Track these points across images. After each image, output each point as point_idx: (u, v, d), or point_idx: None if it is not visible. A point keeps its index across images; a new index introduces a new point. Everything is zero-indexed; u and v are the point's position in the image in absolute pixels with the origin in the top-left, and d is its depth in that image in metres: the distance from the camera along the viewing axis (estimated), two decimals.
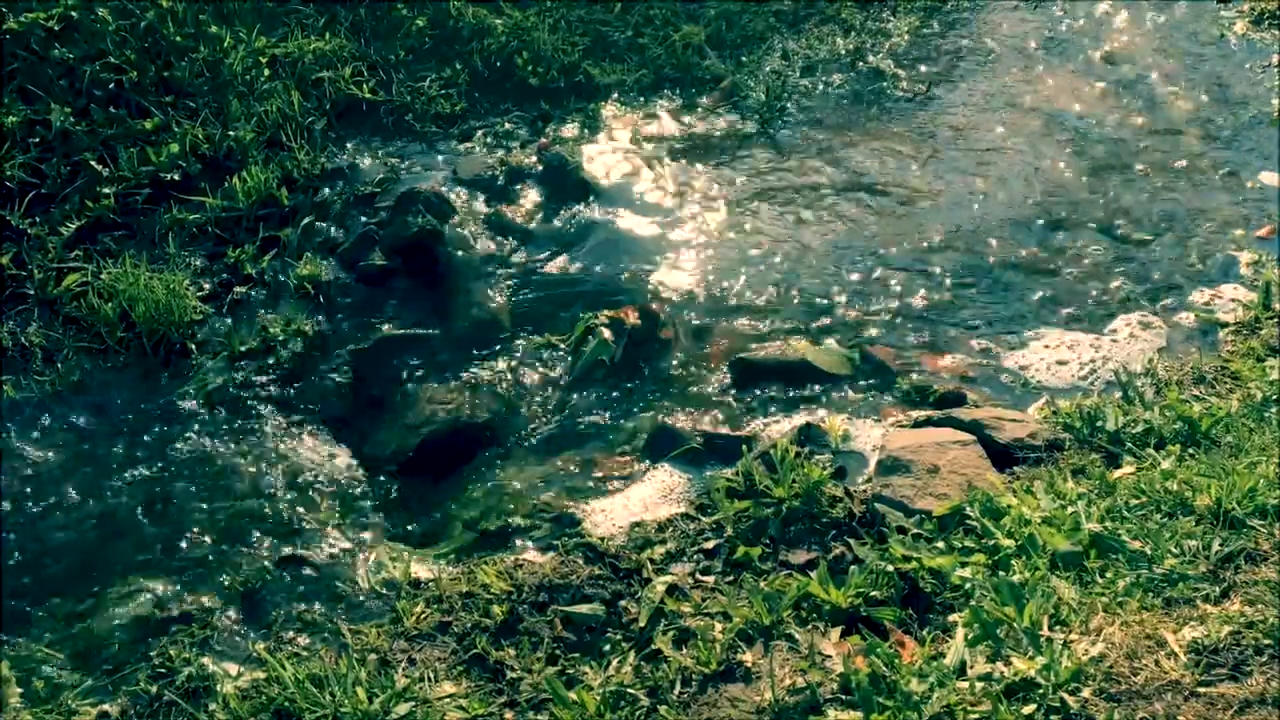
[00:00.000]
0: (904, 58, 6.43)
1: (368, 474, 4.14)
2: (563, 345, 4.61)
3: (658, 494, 3.91)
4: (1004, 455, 3.80)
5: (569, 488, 3.98)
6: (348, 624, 3.46)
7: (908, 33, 6.61)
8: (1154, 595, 2.94)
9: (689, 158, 5.68)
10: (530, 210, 5.32)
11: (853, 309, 4.78)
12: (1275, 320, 4.49)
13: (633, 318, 4.60)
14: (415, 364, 4.58)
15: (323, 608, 3.56)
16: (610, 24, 6.42)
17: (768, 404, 4.29)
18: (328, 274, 4.92)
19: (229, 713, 3.11)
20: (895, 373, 4.40)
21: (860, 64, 6.36)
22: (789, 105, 6.05)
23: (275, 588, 3.63)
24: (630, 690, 3.01)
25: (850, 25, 6.66)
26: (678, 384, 4.44)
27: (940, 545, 3.32)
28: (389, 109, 5.81)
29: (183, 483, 4.02)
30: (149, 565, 3.72)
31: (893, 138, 5.83)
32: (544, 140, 5.69)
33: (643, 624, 3.26)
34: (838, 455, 3.97)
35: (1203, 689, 2.64)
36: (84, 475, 4.04)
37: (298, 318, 4.69)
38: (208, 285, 4.80)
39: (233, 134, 5.29)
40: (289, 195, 5.19)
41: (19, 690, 3.29)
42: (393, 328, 4.71)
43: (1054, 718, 2.62)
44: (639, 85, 6.15)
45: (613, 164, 5.60)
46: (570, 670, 3.15)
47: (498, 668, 3.20)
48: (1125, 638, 2.79)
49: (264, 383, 4.43)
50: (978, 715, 2.65)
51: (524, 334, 4.69)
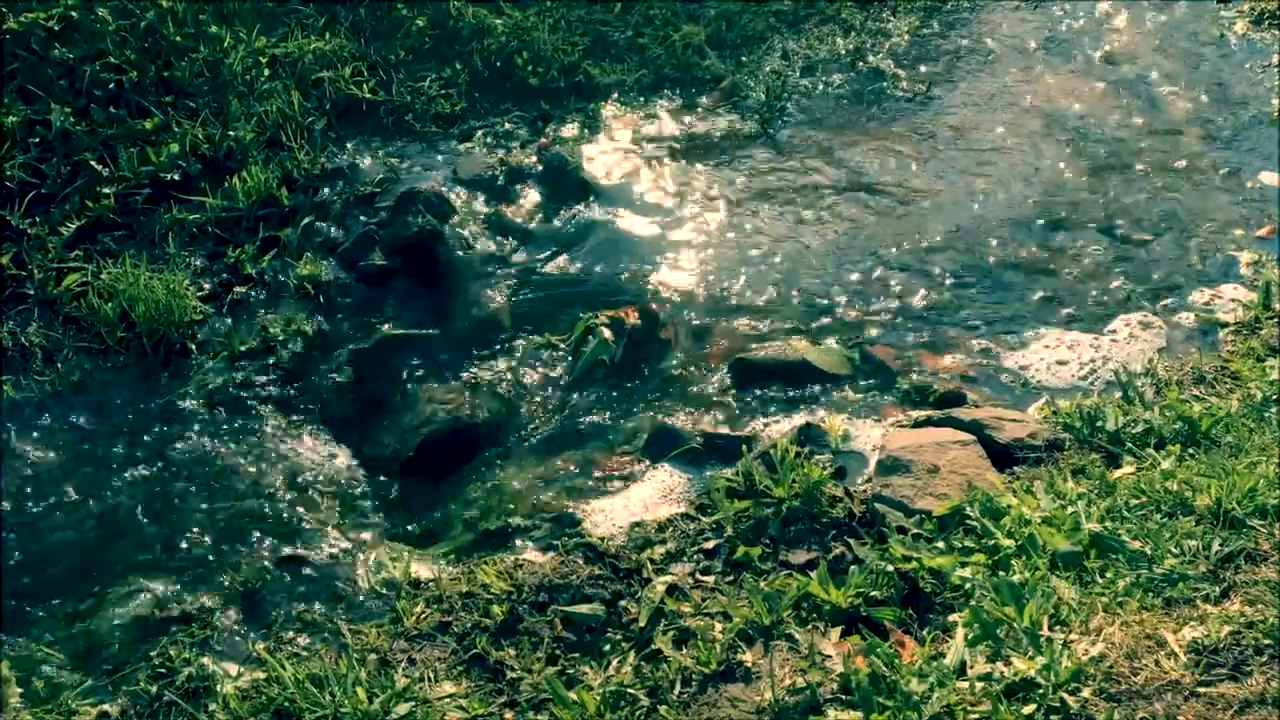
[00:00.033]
0: (904, 58, 6.43)
1: (368, 474, 4.14)
2: (563, 345, 4.61)
3: (658, 494, 3.91)
4: (1004, 455, 3.80)
5: (569, 488, 3.98)
6: (348, 624, 3.46)
7: (908, 33, 6.61)
8: (1154, 595, 2.94)
9: (689, 158, 5.68)
10: (530, 210, 5.33)
11: (853, 309, 4.78)
12: (1275, 320, 4.49)
13: (633, 318, 4.60)
14: (415, 364, 4.58)
15: (323, 608, 3.56)
16: (610, 24, 6.42)
17: (768, 404, 4.29)
18: (328, 274, 4.92)
19: (229, 713, 3.11)
20: (895, 373, 4.40)
21: (860, 64, 6.36)
22: (789, 105, 6.05)
23: (275, 588, 3.63)
24: (630, 690, 3.01)
25: (850, 25, 6.66)
26: (678, 384, 4.44)
27: (940, 545, 3.32)
28: (389, 109, 5.81)
29: (183, 483, 4.02)
30: (149, 565, 3.72)
31: (893, 138, 5.83)
32: (544, 140, 5.69)
33: (643, 624, 3.26)
34: (838, 455, 3.97)
35: (1203, 689, 2.64)
36: (84, 475, 4.04)
37: (298, 318, 4.69)
38: (208, 285, 4.80)
39: (233, 134, 5.29)
40: (289, 195, 5.19)
41: (19, 690, 3.29)
42: (393, 328, 4.71)
43: (1054, 718, 2.62)
44: (639, 85, 6.15)
45: (613, 164, 5.60)
46: (570, 670, 3.15)
47: (498, 668, 3.20)
48: (1125, 638, 2.79)
49: (264, 383, 4.43)
50: (978, 715, 2.65)
51: (524, 334, 4.70)
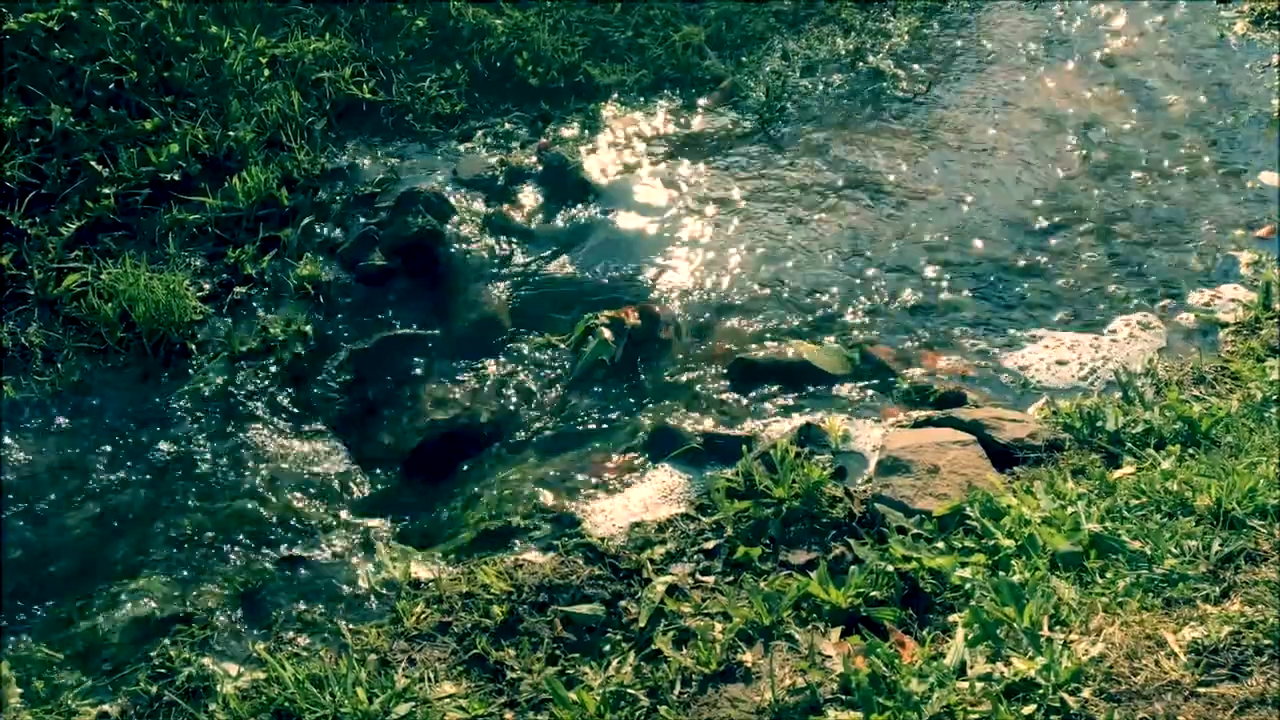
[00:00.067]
0: (904, 58, 6.43)
1: (368, 474, 4.14)
2: (563, 345, 4.61)
3: (658, 494, 3.91)
4: (1004, 455, 3.80)
5: (569, 488, 3.98)
6: (348, 624, 3.46)
7: (908, 33, 6.61)
8: (1154, 595, 2.94)
9: (689, 158, 5.68)
10: (530, 210, 5.33)
11: (853, 309, 4.78)
12: (1275, 320, 4.49)
13: (633, 318, 4.60)
14: (415, 364, 4.58)
15: (323, 608, 3.56)
16: (610, 24, 6.43)
17: (768, 404, 4.29)
18: (328, 274, 4.92)
19: (229, 713, 3.11)
20: (895, 373, 4.40)
21: (860, 64, 6.36)
22: (789, 105, 6.05)
23: (275, 588, 3.63)
24: (630, 690, 3.01)
25: (850, 25, 6.66)
26: (678, 384, 4.44)
27: (940, 545, 3.32)
28: (389, 109, 5.82)
29: (183, 483, 4.03)
30: (149, 565, 3.72)
31: (893, 138, 5.83)
32: (544, 140, 5.69)
33: (643, 624, 3.26)
34: (838, 455, 3.97)
35: (1203, 689, 2.64)
36: (84, 475, 4.04)
37: (298, 318, 4.69)
38: (208, 285, 4.80)
39: (233, 134, 5.30)
40: (289, 195, 5.19)
41: (19, 690, 3.29)
42: (393, 328, 4.71)
43: (1054, 718, 2.62)
44: (639, 85, 6.15)
45: (613, 164, 5.60)
46: (570, 670, 3.15)
47: (498, 668, 3.20)
48: (1125, 638, 2.79)
49: (264, 383, 4.43)
50: (978, 715, 2.65)
51: (524, 334, 4.70)
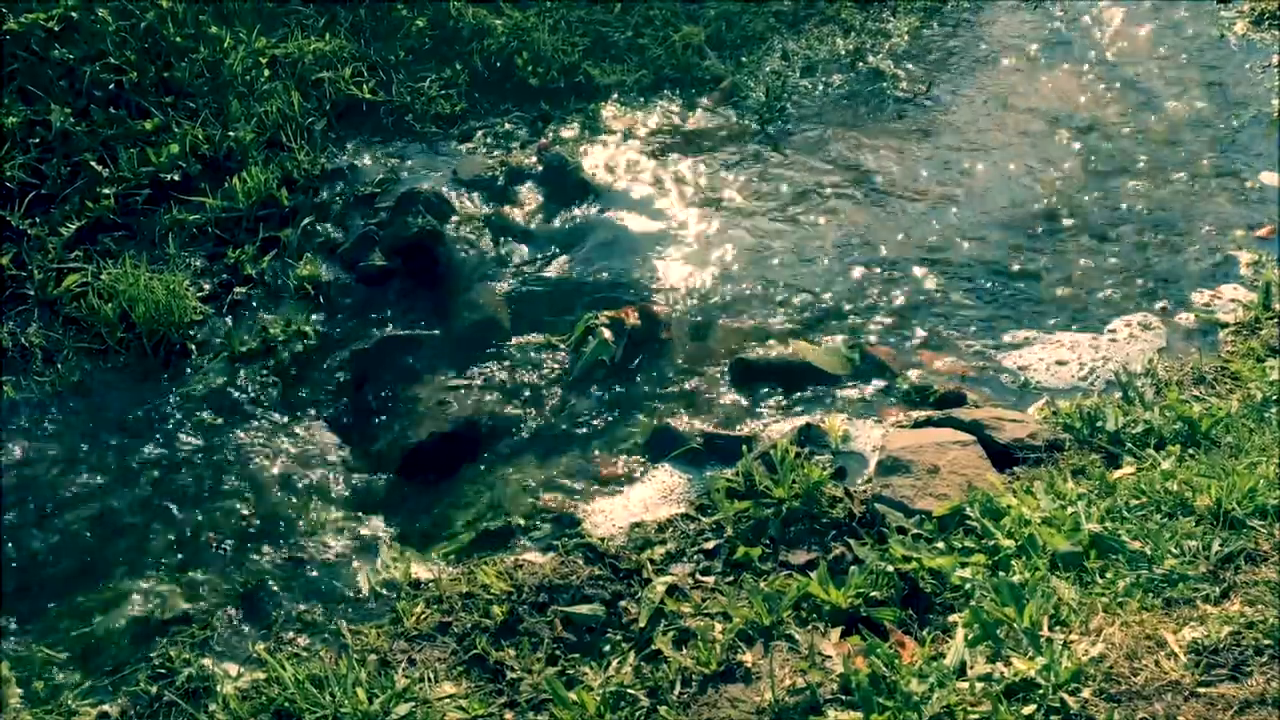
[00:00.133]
0: (904, 58, 6.43)
1: (368, 474, 4.14)
2: (563, 345, 4.61)
3: (658, 494, 3.91)
4: (1004, 455, 3.80)
5: (569, 488, 3.98)
6: (348, 624, 3.46)
7: (908, 33, 6.61)
8: (1154, 595, 2.94)
9: (689, 158, 5.68)
10: (530, 210, 5.33)
11: (853, 309, 4.78)
12: (1275, 320, 4.49)
13: (633, 318, 4.60)
14: (415, 364, 4.58)
15: (323, 608, 3.56)
16: (610, 24, 6.43)
17: (768, 404, 4.29)
18: (328, 274, 4.92)
19: (229, 713, 3.11)
20: (895, 373, 4.40)
21: (860, 64, 6.37)
22: (789, 106, 6.05)
23: (275, 588, 3.63)
24: (630, 690, 3.01)
25: (850, 26, 6.66)
26: (678, 384, 4.44)
27: (940, 545, 3.32)
28: (389, 109, 5.82)
29: (183, 483, 4.03)
30: (149, 565, 3.72)
31: (893, 138, 5.83)
32: (544, 140, 5.69)
33: (643, 624, 3.26)
34: (838, 455, 3.97)
35: (1203, 689, 2.64)
36: (84, 476, 4.04)
37: (298, 318, 4.69)
38: (208, 286, 4.80)
39: (233, 134, 5.30)
40: (289, 196, 5.19)
41: (19, 690, 3.29)
42: (393, 328, 4.71)
43: (1054, 718, 2.62)
44: (639, 86, 6.15)
45: (613, 164, 5.60)
46: (570, 670, 3.15)
47: (498, 668, 3.20)
48: (1125, 638, 2.79)
49: (264, 383, 4.43)
50: (978, 716, 2.65)
51: (524, 334, 4.69)
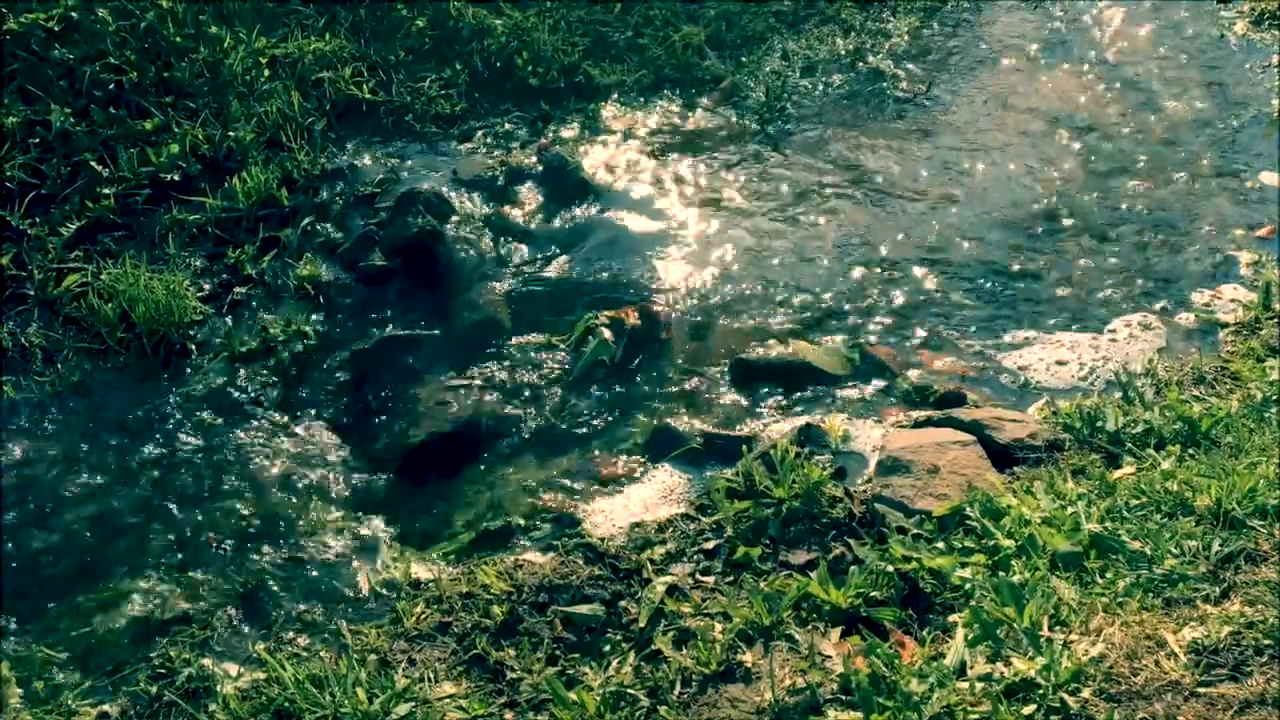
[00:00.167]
0: (904, 58, 6.43)
1: (368, 474, 4.14)
2: (563, 345, 4.61)
3: (658, 494, 3.91)
4: (1004, 455, 3.80)
5: (569, 488, 3.98)
6: (348, 624, 3.46)
7: (908, 33, 6.61)
8: (1154, 595, 2.94)
9: (689, 158, 5.68)
10: (530, 210, 5.33)
11: (853, 309, 4.78)
12: (1275, 320, 4.49)
13: (633, 318, 4.60)
14: (415, 364, 4.58)
15: (323, 608, 3.56)
16: (610, 24, 6.43)
17: (768, 404, 4.30)
18: (328, 274, 4.92)
19: (229, 713, 3.11)
20: (895, 373, 4.40)
21: (860, 64, 6.37)
22: (789, 106, 6.05)
23: (275, 588, 3.63)
24: (630, 690, 3.01)
25: (850, 26, 6.66)
26: (678, 384, 4.44)
27: (940, 545, 3.32)
28: (389, 109, 5.82)
29: (182, 483, 4.03)
30: (149, 565, 3.72)
31: (893, 138, 5.83)
32: (544, 140, 5.69)
33: (643, 624, 3.26)
34: (838, 455, 3.97)
35: (1203, 689, 2.64)
36: (84, 476, 4.04)
37: (298, 318, 4.69)
38: (208, 286, 4.80)
39: (233, 134, 5.30)
40: (289, 196, 5.19)
41: (19, 690, 3.29)
42: (393, 328, 4.71)
43: (1054, 718, 2.62)
44: (639, 85, 6.15)
45: (613, 164, 5.60)
46: (570, 670, 3.15)
47: (498, 668, 3.20)
48: (1125, 638, 2.79)
49: (264, 383, 4.44)
50: (978, 716, 2.65)
51: (524, 334, 4.69)
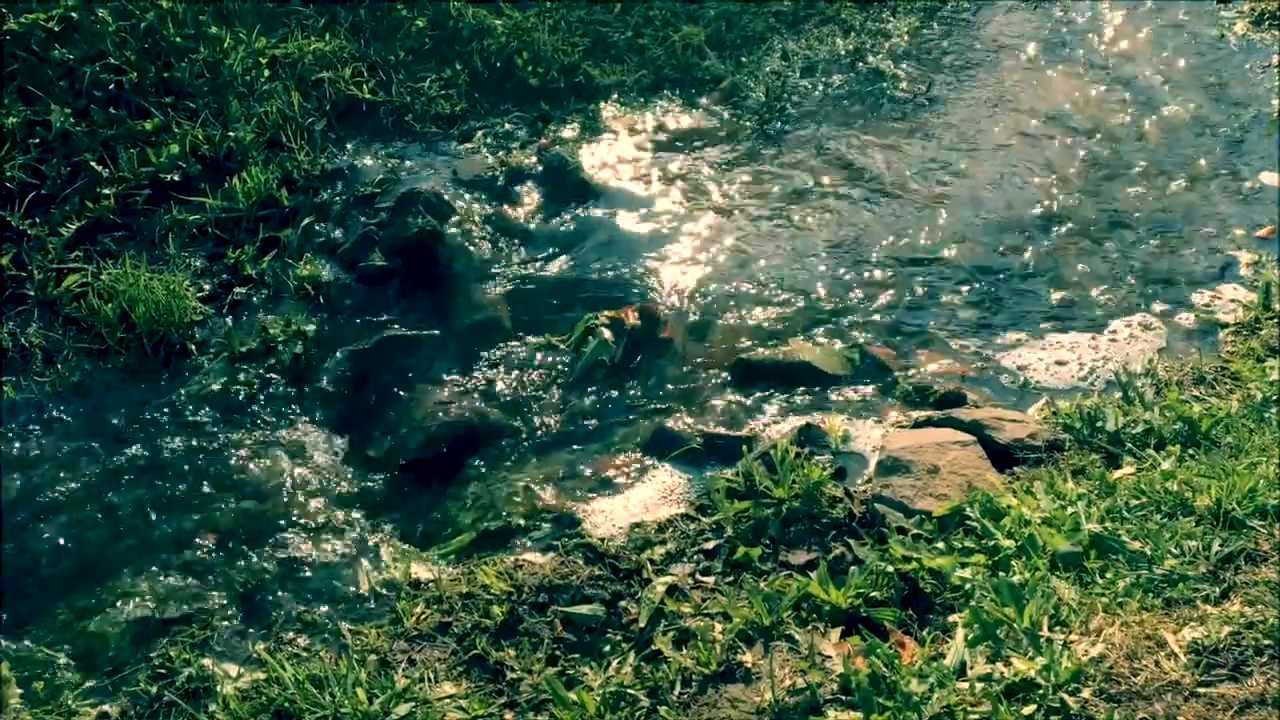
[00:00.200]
0: (904, 58, 6.43)
1: (368, 474, 4.14)
2: (563, 345, 4.61)
3: (658, 494, 3.91)
4: (1004, 455, 3.80)
5: (569, 488, 3.98)
6: (348, 624, 3.46)
7: (907, 33, 6.61)
8: (1154, 596, 2.93)
9: (689, 158, 5.68)
10: (530, 210, 5.33)
11: (852, 309, 4.78)
12: (1275, 320, 4.49)
13: (633, 318, 4.60)
14: (415, 364, 4.58)
15: (323, 608, 3.56)
16: (610, 25, 6.43)
17: (768, 404, 4.29)
18: (328, 274, 4.92)
19: (229, 713, 3.11)
20: (895, 373, 4.40)
21: (860, 64, 6.37)
22: (789, 106, 6.05)
23: (275, 588, 3.63)
24: (630, 691, 3.01)
25: (850, 26, 6.66)
26: (678, 384, 4.44)
27: (940, 546, 3.32)
28: (389, 109, 5.82)
29: (183, 483, 4.03)
30: (149, 565, 3.72)
31: (893, 138, 5.83)
32: (544, 141, 5.69)
33: (643, 624, 3.26)
34: (838, 456, 3.97)
35: (1203, 689, 2.64)
36: (84, 476, 4.03)
37: (298, 318, 4.69)
38: (208, 286, 4.80)
39: (233, 135, 5.30)
40: (289, 196, 5.19)
41: (19, 691, 3.29)
42: (393, 328, 4.71)
43: (1054, 718, 2.62)
44: (639, 86, 6.15)
45: (613, 164, 5.60)
46: (570, 671, 3.15)
47: (498, 668, 3.20)
48: (1125, 638, 2.79)
49: (264, 383, 4.43)
50: (978, 716, 2.65)
51: (524, 334, 4.70)
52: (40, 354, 4.45)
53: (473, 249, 5.07)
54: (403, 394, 4.44)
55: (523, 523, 3.82)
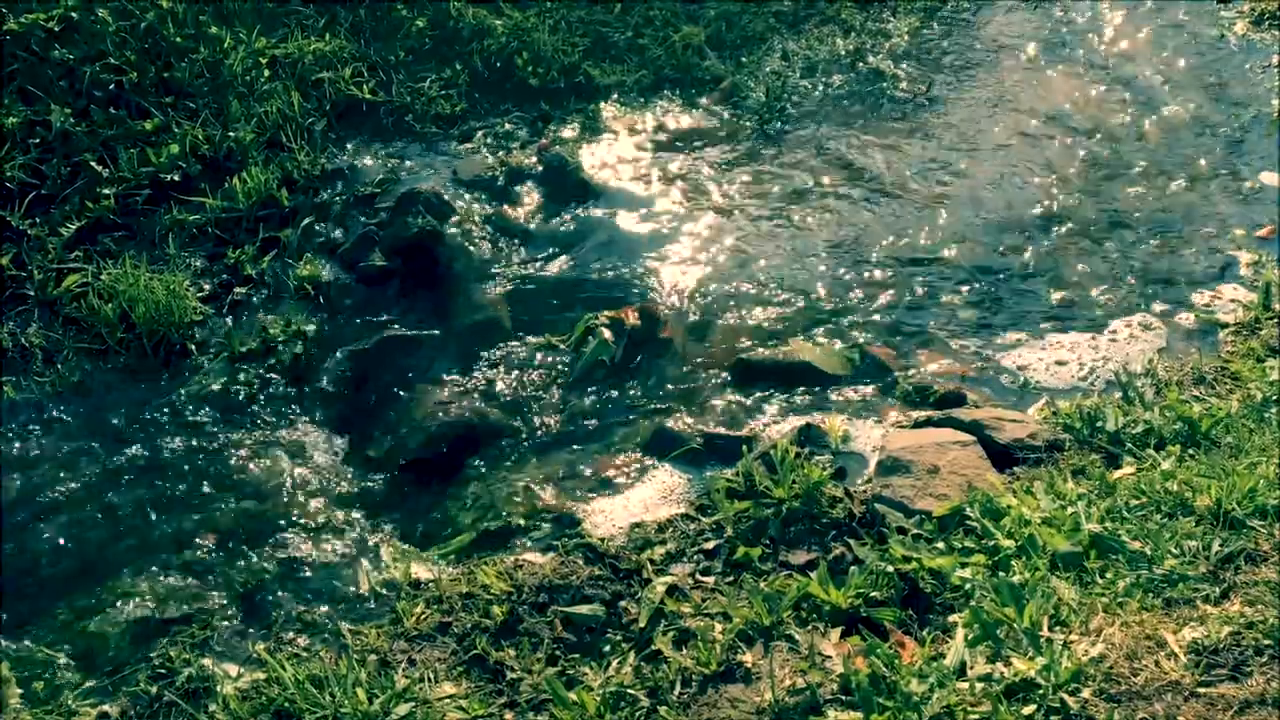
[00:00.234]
0: (904, 58, 6.43)
1: (368, 474, 4.14)
2: (563, 345, 4.61)
3: (658, 494, 3.91)
4: (1004, 455, 3.80)
5: (569, 488, 3.98)
6: (348, 624, 3.46)
7: (908, 33, 6.61)
8: (1154, 596, 2.93)
9: (689, 158, 5.68)
10: (530, 210, 5.33)
11: (852, 309, 4.78)
12: (1275, 320, 4.49)
13: (633, 318, 4.60)
14: (415, 364, 4.58)
15: (323, 608, 3.56)
16: (610, 25, 6.43)
17: (768, 404, 4.29)
18: (328, 275, 4.92)
19: (229, 713, 3.11)
20: (895, 373, 4.40)
21: (860, 65, 6.36)
22: (789, 106, 6.05)
23: (275, 588, 3.63)
24: (630, 691, 3.01)
25: (850, 26, 6.66)
26: (678, 384, 4.44)
27: (940, 546, 3.32)
28: (389, 109, 5.82)
29: (183, 483, 4.03)
30: (149, 565, 3.72)
31: (893, 138, 5.83)
32: (544, 141, 5.69)
33: (643, 624, 3.26)
34: (838, 456, 3.97)
35: (1203, 689, 2.64)
36: (84, 476, 4.03)
37: (298, 318, 4.69)
38: (208, 286, 4.80)
39: (233, 135, 5.30)
40: (289, 196, 5.19)
41: (19, 691, 3.29)
42: (393, 329, 4.71)
43: (1054, 718, 2.62)
44: (639, 86, 6.15)
45: (613, 164, 5.60)
46: (570, 671, 3.15)
47: (498, 668, 3.20)
48: (1125, 638, 2.79)
49: (264, 383, 4.43)
50: (978, 716, 2.64)
51: (524, 334, 4.70)
52: (40, 354, 4.45)
53: (473, 249, 5.07)
54: (403, 394, 4.44)
55: (523, 523, 3.82)
